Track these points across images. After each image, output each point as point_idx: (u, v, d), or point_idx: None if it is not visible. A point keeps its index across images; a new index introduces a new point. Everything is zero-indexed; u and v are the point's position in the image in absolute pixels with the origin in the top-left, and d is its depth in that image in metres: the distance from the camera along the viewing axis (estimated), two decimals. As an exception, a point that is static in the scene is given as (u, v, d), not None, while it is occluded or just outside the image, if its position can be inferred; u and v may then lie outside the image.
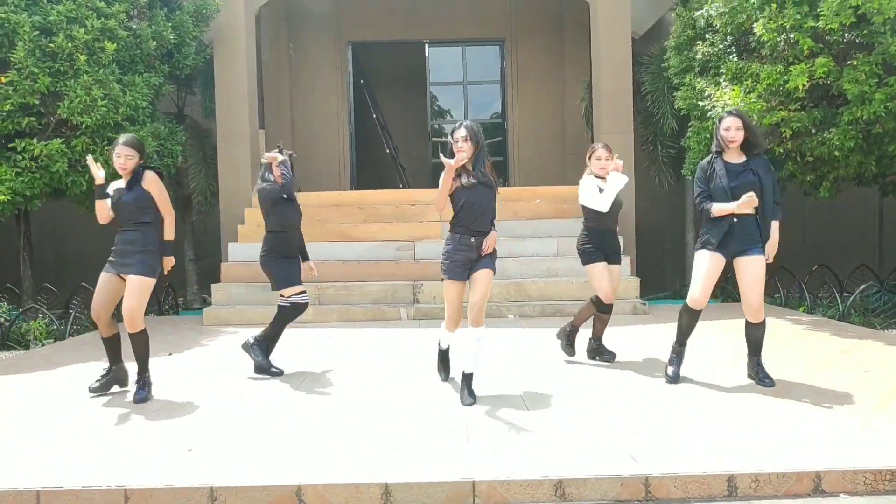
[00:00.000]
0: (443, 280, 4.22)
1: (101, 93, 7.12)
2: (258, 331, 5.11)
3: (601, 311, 5.10)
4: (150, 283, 4.34)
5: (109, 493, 2.94)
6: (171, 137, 8.46)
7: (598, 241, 5.01)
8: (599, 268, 4.98)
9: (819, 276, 9.26)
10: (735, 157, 4.40)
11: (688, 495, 2.97)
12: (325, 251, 8.36)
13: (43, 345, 6.77)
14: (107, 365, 4.63)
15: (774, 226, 4.42)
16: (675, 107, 8.26)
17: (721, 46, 7.36)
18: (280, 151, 5.05)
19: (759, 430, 3.53)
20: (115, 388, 4.65)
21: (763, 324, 4.46)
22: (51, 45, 6.95)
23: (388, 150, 12.05)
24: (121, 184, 4.44)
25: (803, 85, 6.30)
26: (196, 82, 10.01)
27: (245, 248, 8.45)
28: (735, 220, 4.30)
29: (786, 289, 8.71)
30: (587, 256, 5.03)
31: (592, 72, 9.47)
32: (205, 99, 10.06)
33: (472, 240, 4.13)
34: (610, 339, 5.35)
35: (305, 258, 5.22)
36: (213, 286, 8.11)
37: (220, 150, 9.10)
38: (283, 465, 3.14)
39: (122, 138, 4.42)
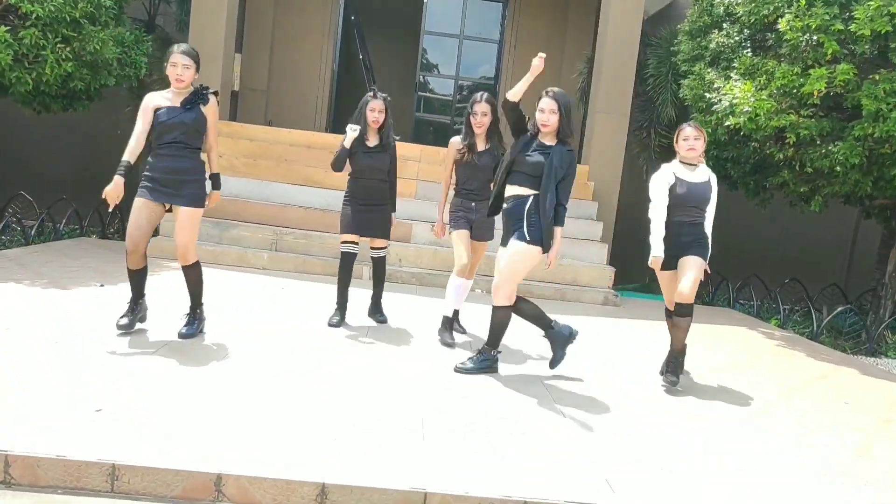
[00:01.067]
0: (450, 234, 4.69)
1: (59, -19, 6.33)
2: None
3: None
4: (201, 213, 4.09)
5: (-14, 457, 2.43)
6: (136, 46, 7.70)
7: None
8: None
9: (790, 289, 9.10)
10: (548, 140, 4.01)
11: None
12: (288, 194, 7.80)
13: (-38, 255, 6.12)
14: (129, 301, 4.17)
15: (557, 232, 3.93)
16: (679, 95, 7.83)
17: (737, 38, 6.94)
18: (374, 95, 4.71)
19: (742, 469, 3.17)
20: (138, 325, 4.20)
21: (498, 309, 4.01)
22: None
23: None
24: (166, 98, 3.94)
25: (819, 91, 5.94)
26: (173, -9, 9.17)
27: (203, 180, 7.81)
28: (505, 205, 4.05)
29: (759, 298, 8.51)
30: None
31: (596, 46, 8.93)
32: (181, 11, 9.25)
33: (473, 204, 4.65)
34: (584, 335, 4.95)
35: (392, 209, 5.03)
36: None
37: (189, 69, 8.33)
38: (203, 446, 2.66)
39: (178, 47, 3.97)
